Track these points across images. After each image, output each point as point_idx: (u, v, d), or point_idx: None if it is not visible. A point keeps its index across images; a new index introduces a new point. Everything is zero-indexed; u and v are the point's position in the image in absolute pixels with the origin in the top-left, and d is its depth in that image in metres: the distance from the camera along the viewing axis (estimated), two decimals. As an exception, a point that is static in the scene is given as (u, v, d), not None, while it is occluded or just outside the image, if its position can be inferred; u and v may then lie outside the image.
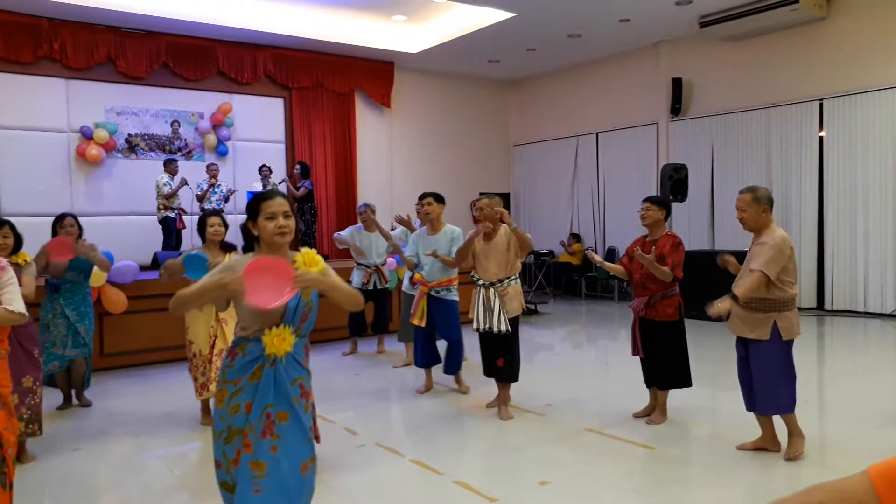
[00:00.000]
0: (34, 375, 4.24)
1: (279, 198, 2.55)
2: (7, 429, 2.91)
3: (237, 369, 2.48)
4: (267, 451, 2.41)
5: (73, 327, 5.23)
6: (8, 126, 9.69)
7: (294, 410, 2.49)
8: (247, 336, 2.50)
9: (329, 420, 4.96)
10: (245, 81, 11.30)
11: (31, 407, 4.23)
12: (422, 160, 13.36)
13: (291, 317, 2.49)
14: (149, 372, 6.91)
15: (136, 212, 10.23)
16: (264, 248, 2.56)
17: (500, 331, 4.88)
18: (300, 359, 2.57)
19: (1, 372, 2.97)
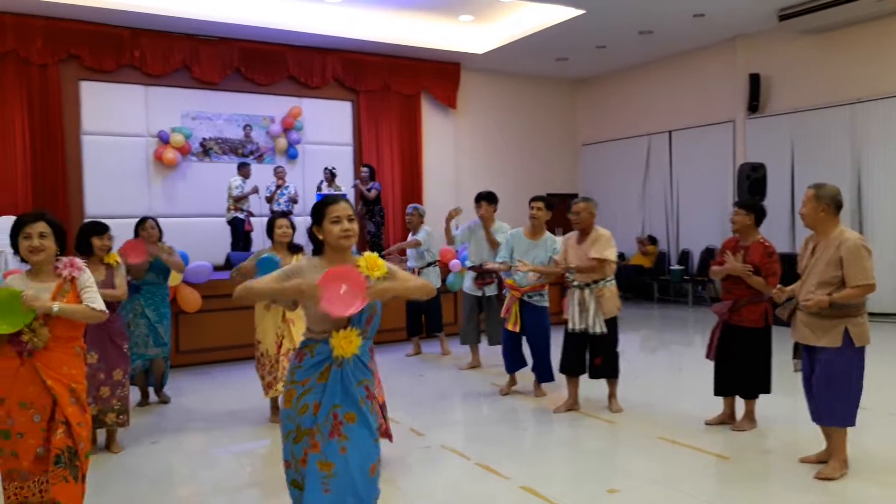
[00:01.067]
0: (124, 369, 4.49)
1: (343, 202, 2.61)
2: (80, 424, 3.05)
3: (305, 370, 2.54)
4: (336, 451, 2.46)
5: (153, 327, 5.46)
6: (93, 132, 10.22)
7: (361, 412, 2.54)
8: (315, 338, 2.57)
9: (394, 420, 5.00)
10: (314, 85, 11.55)
11: (121, 399, 4.46)
12: (487, 161, 13.34)
13: (358, 319, 2.54)
14: (221, 369, 7.14)
15: (209, 213, 10.59)
16: (329, 252, 2.62)
17: (597, 332, 4.99)
18: (366, 361, 2.61)
19: (74, 368, 3.11)
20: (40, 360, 2.98)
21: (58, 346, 3.02)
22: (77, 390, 3.07)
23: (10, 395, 2.97)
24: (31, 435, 2.97)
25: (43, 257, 3.04)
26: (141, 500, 3.71)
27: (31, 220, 3.06)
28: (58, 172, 9.88)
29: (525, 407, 5.54)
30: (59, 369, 3.01)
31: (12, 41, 9.45)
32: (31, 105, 9.73)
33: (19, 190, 9.64)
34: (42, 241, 3.03)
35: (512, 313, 5.61)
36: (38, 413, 2.98)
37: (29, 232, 3.02)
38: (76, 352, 3.12)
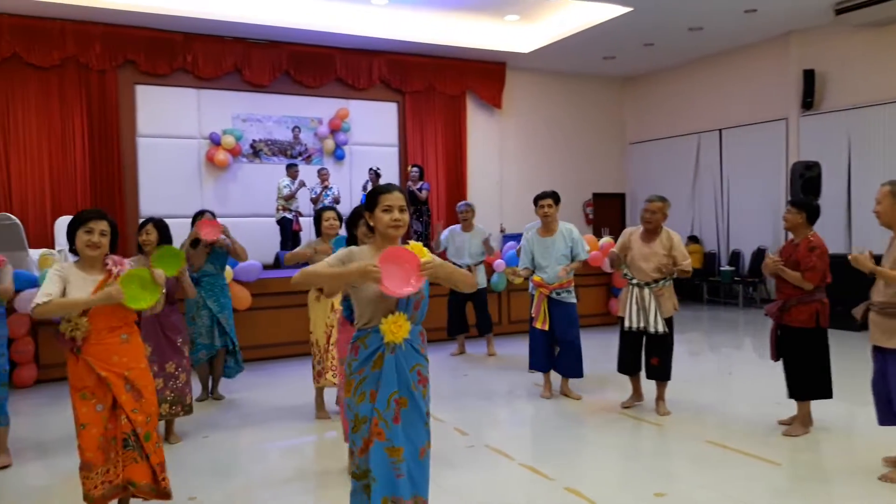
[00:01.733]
0: (176, 361, 4.61)
1: (397, 192, 2.67)
2: (134, 410, 3.19)
3: (361, 361, 2.62)
4: (402, 436, 2.55)
5: (215, 318, 5.60)
6: (148, 134, 10.55)
7: (413, 396, 2.60)
8: (366, 328, 2.63)
9: (439, 419, 5.03)
10: (361, 87, 11.69)
11: (174, 390, 4.59)
12: (533, 160, 13.28)
13: (405, 305, 2.59)
14: (272, 366, 7.27)
15: (259, 213, 10.82)
16: (378, 240, 2.68)
17: (657, 331, 4.98)
18: (417, 345, 2.67)
19: (125, 356, 3.23)
20: (90, 354, 3.12)
21: (101, 339, 3.15)
22: (131, 377, 3.20)
23: (74, 388, 3.14)
24: (94, 424, 3.12)
25: (98, 253, 3.20)
26: (190, 492, 3.81)
27: (95, 217, 3.22)
28: (114, 173, 10.23)
29: (570, 408, 5.50)
30: (108, 360, 3.15)
31: (73, 47, 9.82)
32: (91, 109, 10.09)
33: (78, 190, 10.01)
34: (101, 238, 3.18)
35: (541, 311, 5.58)
36: (99, 403, 3.13)
37: (92, 227, 3.18)
38: (122, 339, 3.23)
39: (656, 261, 5.03)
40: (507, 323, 8.79)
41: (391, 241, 2.66)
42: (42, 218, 9.73)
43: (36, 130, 9.80)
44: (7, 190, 9.65)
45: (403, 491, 2.50)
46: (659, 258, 5.03)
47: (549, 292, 5.56)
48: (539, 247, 5.64)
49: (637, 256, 5.10)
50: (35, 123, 9.80)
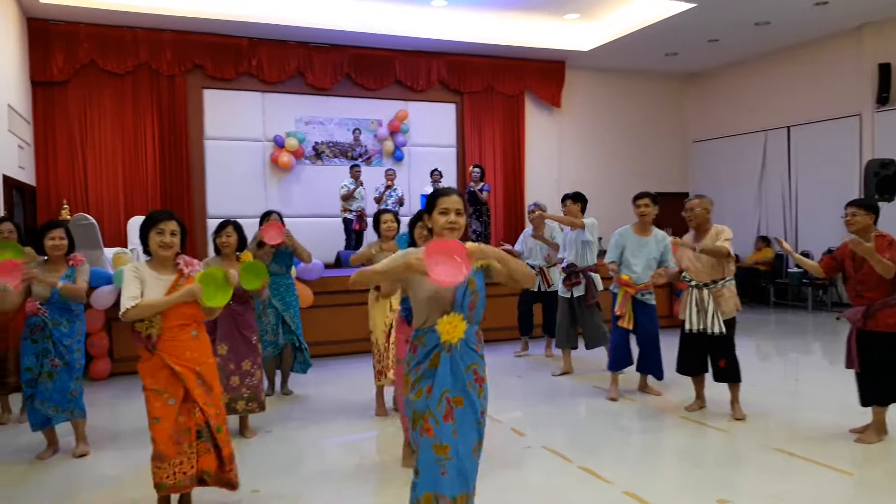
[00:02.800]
0: (252, 359, 4.72)
1: (455, 195, 2.69)
2: (206, 404, 3.31)
3: (418, 358, 2.67)
4: (450, 434, 2.57)
5: (280, 316, 5.73)
6: (215, 137, 10.89)
7: (468, 395, 2.62)
8: (423, 328, 2.67)
9: (496, 419, 5.02)
10: (420, 88, 11.78)
11: (250, 387, 4.71)
12: (593, 160, 13.11)
13: (460, 304, 2.61)
14: (334, 363, 7.39)
15: (320, 214, 11.03)
16: None
17: (715, 332, 4.90)
18: (473, 345, 2.68)
19: (196, 351, 3.35)
20: (164, 351, 3.24)
21: (173, 336, 3.27)
22: (202, 371, 3.33)
23: (148, 384, 3.28)
24: (166, 418, 3.24)
25: (170, 253, 3.31)
26: (253, 485, 3.91)
27: (166, 217, 3.34)
28: (183, 175, 10.59)
29: (629, 410, 5.41)
30: (182, 355, 3.27)
31: (145, 54, 10.21)
32: (161, 112, 10.48)
33: (149, 191, 10.40)
34: (172, 238, 3.29)
35: (626, 310, 5.55)
36: (171, 397, 3.25)
37: (163, 228, 3.30)
38: (193, 335, 3.35)
39: (708, 260, 4.94)
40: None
41: None
42: (116, 218, 10.16)
43: (110, 134, 10.24)
44: (84, 191, 10.11)
45: (446, 488, 2.53)
46: (710, 258, 4.93)
47: (634, 292, 5.53)
48: (633, 245, 5.58)
49: (691, 257, 5.03)
50: (110, 127, 10.24)
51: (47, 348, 4.29)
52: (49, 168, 9.92)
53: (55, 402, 4.31)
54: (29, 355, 4.32)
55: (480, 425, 2.67)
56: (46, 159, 9.90)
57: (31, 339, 4.32)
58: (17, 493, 3.89)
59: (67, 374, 4.32)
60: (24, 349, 4.34)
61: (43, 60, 9.70)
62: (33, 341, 4.32)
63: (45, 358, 4.29)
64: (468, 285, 2.62)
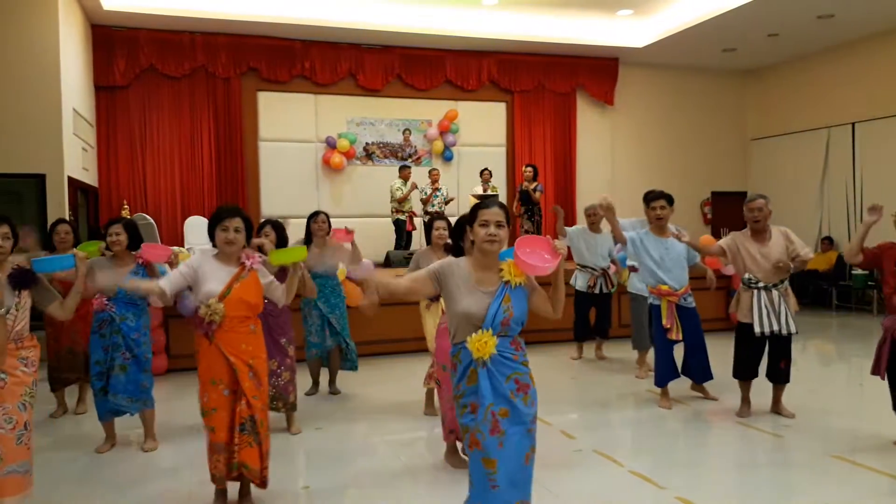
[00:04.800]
0: (279, 360, 4.82)
1: (496, 208, 2.70)
2: (255, 397, 3.43)
3: (458, 376, 2.70)
4: (496, 447, 2.58)
5: (325, 318, 5.76)
6: (269, 138, 11.13)
7: (512, 405, 2.62)
8: (456, 344, 2.71)
9: (546, 422, 5.01)
10: (470, 88, 11.80)
11: (276, 387, 4.80)
12: (646, 158, 12.91)
13: (491, 321, 2.61)
14: (385, 361, 7.47)
15: (371, 214, 11.14)
16: (476, 253, 2.72)
17: (791, 332, 4.85)
18: (510, 355, 2.66)
19: (251, 345, 3.48)
20: (221, 341, 3.36)
21: (233, 326, 3.40)
22: (254, 365, 3.45)
23: (204, 374, 3.40)
24: (223, 408, 3.38)
25: (234, 249, 3.43)
26: (304, 481, 3.99)
27: (230, 214, 3.46)
28: (238, 176, 10.85)
29: (682, 414, 5.32)
30: (237, 347, 3.40)
31: (202, 57, 10.51)
32: (217, 115, 10.76)
33: (206, 192, 10.70)
34: (236, 234, 3.41)
35: (674, 322, 5.37)
36: (226, 388, 3.37)
37: (227, 225, 3.43)
38: (251, 330, 3.50)
39: (776, 259, 4.84)
40: (617, 326, 8.57)
41: (486, 255, 2.69)
42: (173, 217, 10.48)
43: (168, 136, 10.57)
44: (143, 192, 10.46)
45: (495, 502, 2.56)
46: (778, 257, 4.85)
47: (677, 299, 5.37)
48: (658, 249, 5.39)
49: (758, 258, 4.92)
50: (168, 129, 10.57)
51: (117, 342, 4.46)
52: (111, 169, 10.30)
53: (129, 394, 4.49)
54: (98, 349, 4.48)
55: (531, 432, 2.67)
56: (108, 161, 10.29)
57: (100, 334, 4.49)
58: (81, 485, 4.07)
59: (137, 367, 4.50)
60: (94, 344, 4.51)
61: (106, 65, 10.08)
62: (101, 336, 4.48)
63: (116, 351, 4.46)
64: (502, 301, 2.63)
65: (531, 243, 2.64)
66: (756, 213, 4.92)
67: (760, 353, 5.02)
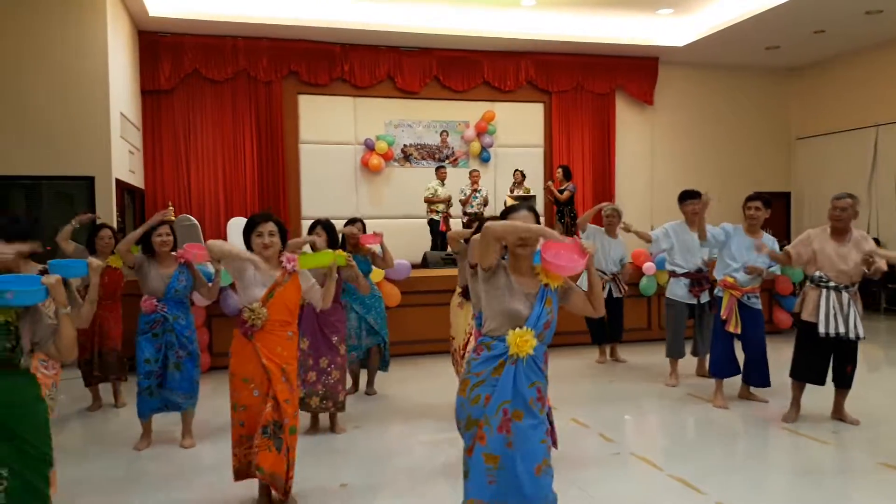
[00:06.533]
0: (330, 358, 4.81)
1: (525, 211, 2.69)
2: (286, 401, 3.45)
3: (481, 362, 2.65)
4: (502, 445, 2.55)
5: (363, 319, 5.77)
6: (309, 141, 11.26)
7: (530, 411, 2.59)
8: (492, 334, 2.67)
9: (582, 424, 4.94)
10: (507, 89, 11.76)
11: (326, 385, 4.80)
12: (687, 159, 12.69)
13: (535, 321, 2.60)
14: (423, 361, 7.46)
15: (409, 215, 11.19)
16: (511, 257, 2.70)
17: (860, 336, 4.70)
18: (540, 363, 2.66)
19: (287, 350, 3.51)
20: (259, 342, 3.41)
21: (273, 329, 3.45)
22: (287, 371, 3.49)
23: (236, 371, 3.45)
24: (251, 406, 3.45)
25: (271, 253, 3.50)
26: (342, 479, 4.01)
27: (263, 220, 3.53)
28: (279, 178, 11.00)
29: (725, 417, 5.20)
30: (273, 350, 3.44)
31: (244, 61, 10.68)
32: (258, 118, 10.93)
33: (248, 194, 10.86)
34: (271, 238, 3.46)
35: (733, 314, 5.34)
36: (256, 388, 3.41)
37: (261, 230, 3.49)
38: (288, 336, 3.53)
39: (854, 261, 4.71)
40: (656, 328, 8.45)
41: (519, 259, 2.66)
42: (216, 219, 10.66)
43: (211, 139, 10.77)
44: (187, 193, 10.67)
45: (492, 497, 2.54)
46: (857, 258, 4.70)
47: (740, 295, 5.35)
48: (742, 244, 5.38)
49: (834, 258, 4.77)
50: (211, 133, 10.77)
51: (171, 341, 4.56)
52: (156, 172, 10.54)
53: (185, 391, 4.59)
54: (150, 348, 4.54)
55: (544, 443, 2.62)
56: (154, 163, 10.53)
57: (152, 334, 4.56)
58: (124, 481, 4.14)
59: (192, 363, 4.62)
60: (144, 344, 4.56)
61: (152, 70, 10.32)
62: (154, 335, 4.56)
63: (170, 350, 4.56)
64: (545, 304, 2.62)
65: (558, 245, 2.63)
66: (839, 212, 4.78)
67: (825, 356, 4.86)
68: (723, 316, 5.39)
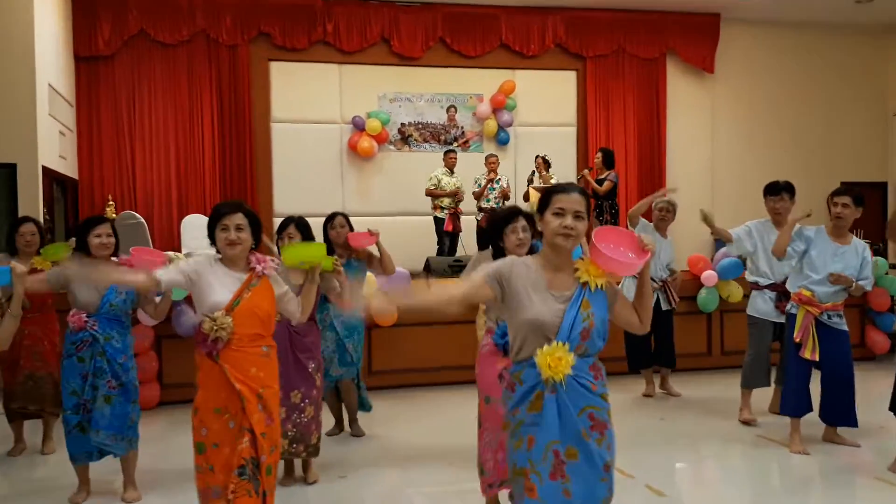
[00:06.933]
0: (304, 391, 4.76)
1: (576, 194, 2.66)
2: (263, 434, 3.41)
3: (516, 400, 2.65)
4: (558, 495, 2.54)
5: (341, 343, 5.73)
6: (283, 119, 11.31)
7: (584, 446, 2.58)
8: (520, 360, 2.65)
9: (626, 474, 4.91)
10: (531, 54, 11.76)
11: (297, 425, 4.76)
12: (755, 139, 12.65)
13: (567, 332, 2.57)
14: (419, 394, 7.43)
15: (408, 211, 11.22)
16: (546, 250, 2.70)
17: None
18: (587, 383, 2.63)
19: (263, 370, 3.47)
20: (227, 361, 3.38)
21: (242, 345, 3.41)
22: (265, 396, 3.44)
23: (205, 402, 3.41)
24: (227, 443, 3.37)
25: (239, 251, 3.48)
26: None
27: (229, 210, 3.50)
28: (246, 165, 11.04)
29: (805, 466, 5.18)
30: (246, 371, 3.40)
31: (202, 20, 10.75)
32: (220, 90, 10.96)
33: (207, 185, 10.87)
34: (239, 233, 3.46)
35: (809, 337, 5.32)
36: (232, 419, 3.37)
37: (227, 223, 3.46)
38: (263, 352, 3.50)
39: None
40: (718, 354, 8.40)
41: (559, 252, 2.67)
42: (168, 216, 10.70)
43: (162, 117, 10.80)
44: (131, 184, 10.69)
45: None
46: None
47: (819, 313, 5.33)
48: (826, 252, 5.36)
49: None
50: (161, 108, 10.79)
51: (101, 367, 4.51)
52: (93, 158, 10.59)
53: (115, 430, 4.52)
54: (75, 376, 4.51)
55: (605, 481, 2.62)
56: (90, 147, 10.58)
57: (77, 357, 4.52)
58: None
59: (125, 397, 4.55)
60: (69, 370, 4.55)
61: (87, 31, 10.37)
62: (79, 359, 4.52)
63: (100, 379, 4.51)
64: (580, 307, 2.60)
65: (612, 236, 2.64)
66: None
67: None
68: (796, 338, 5.35)
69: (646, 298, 2.75)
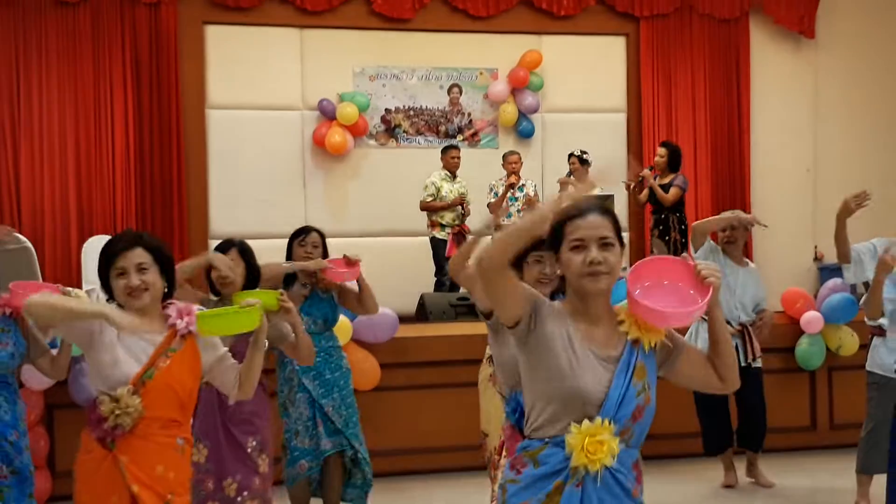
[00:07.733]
0: (241, 479, 4.74)
1: (593, 215, 2.64)
2: None
3: (524, 487, 2.61)
4: None
5: (317, 406, 5.73)
6: (222, 105, 11.31)
7: None
8: (541, 436, 2.62)
9: None
10: (564, 14, 11.78)
11: None
12: (871, 124, 12.65)
13: (615, 409, 2.54)
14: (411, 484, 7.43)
15: (395, 230, 11.26)
16: (570, 295, 2.71)
17: None
18: (627, 483, 2.61)
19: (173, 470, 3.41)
20: (126, 453, 3.32)
21: (150, 434, 3.36)
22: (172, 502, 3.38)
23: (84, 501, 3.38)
24: None
25: (148, 300, 3.42)
26: None
27: (124, 246, 3.44)
28: (171, 168, 10.99)
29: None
30: (150, 469, 3.35)
31: (112, -29, 10.76)
32: (137, 66, 10.93)
33: (119, 196, 10.82)
34: (143, 276, 3.39)
35: None
36: None
37: (123, 266, 3.39)
38: (177, 445, 3.45)
39: None
40: (825, 428, 8.37)
41: (587, 298, 2.65)
42: (65, 238, 10.64)
43: (57, 102, 10.77)
44: (15, 195, 10.64)
45: None
46: None
47: None
48: None
49: None
50: (56, 91, 10.76)
51: None
52: (-38, 159, 10.59)
53: None
54: None
55: None
56: (-42, 145, 10.59)
57: None
58: None
59: (20, 490, 4.58)
60: None
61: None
62: None
63: None
64: (633, 376, 2.57)
65: (656, 271, 2.64)
66: None
67: None
68: None
69: (723, 345, 2.71)
